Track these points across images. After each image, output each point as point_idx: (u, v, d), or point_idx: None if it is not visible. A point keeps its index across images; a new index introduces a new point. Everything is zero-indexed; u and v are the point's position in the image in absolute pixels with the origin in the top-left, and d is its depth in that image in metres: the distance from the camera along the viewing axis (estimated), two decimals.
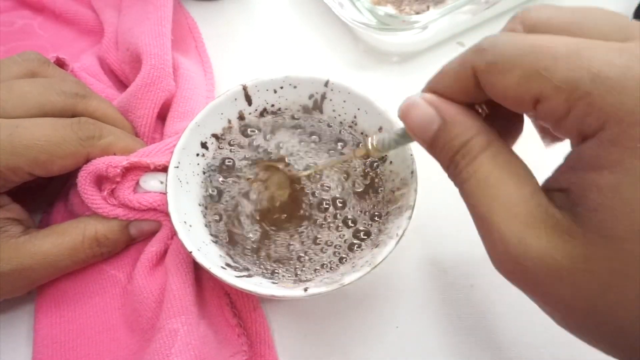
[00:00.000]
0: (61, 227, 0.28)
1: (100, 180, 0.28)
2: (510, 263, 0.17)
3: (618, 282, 0.15)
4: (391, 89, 0.38)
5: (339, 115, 0.31)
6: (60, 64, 0.33)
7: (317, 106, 0.32)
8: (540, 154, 0.22)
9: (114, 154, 0.28)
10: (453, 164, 0.19)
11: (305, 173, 0.30)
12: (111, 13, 0.39)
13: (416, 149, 0.28)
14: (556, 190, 0.17)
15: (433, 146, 0.20)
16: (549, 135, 0.22)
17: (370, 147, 0.25)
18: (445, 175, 0.33)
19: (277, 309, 0.29)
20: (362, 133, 0.31)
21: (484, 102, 0.20)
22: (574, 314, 0.16)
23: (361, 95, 0.30)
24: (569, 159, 0.17)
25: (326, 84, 0.30)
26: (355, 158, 0.27)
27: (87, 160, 0.28)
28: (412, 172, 0.27)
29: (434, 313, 0.29)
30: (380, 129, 0.30)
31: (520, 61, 0.17)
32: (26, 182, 0.27)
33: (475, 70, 0.18)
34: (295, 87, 0.31)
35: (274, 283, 0.26)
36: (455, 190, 0.33)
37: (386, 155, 0.30)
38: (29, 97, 0.27)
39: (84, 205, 0.28)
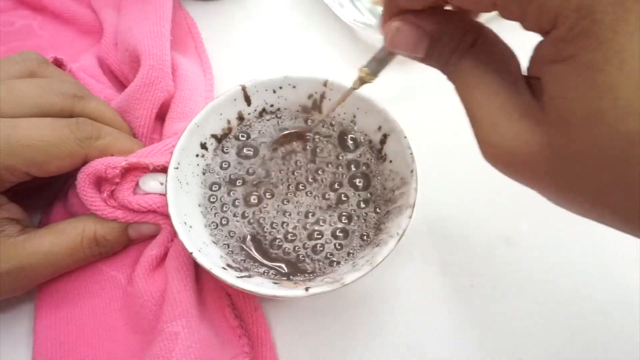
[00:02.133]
0: (60, 226, 0.28)
1: (99, 182, 0.28)
2: (492, 150, 0.19)
3: (579, 165, 0.16)
4: (391, 88, 0.38)
5: (338, 114, 0.31)
6: (58, 64, 0.33)
7: (316, 106, 0.31)
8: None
9: (112, 155, 0.28)
10: (448, 68, 0.21)
11: (318, 119, 0.30)
12: (111, 13, 0.39)
13: (416, 149, 0.28)
14: (533, 78, 0.18)
15: (428, 59, 0.21)
16: None
17: (364, 75, 0.25)
18: (445, 174, 0.34)
19: (277, 308, 0.29)
20: (361, 132, 0.31)
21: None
22: (558, 191, 0.18)
23: (360, 94, 0.30)
24: (536, 49, 0.18)
25: (325, 83, 0.30)
26: (356, 88, 0.27)
27: (85, 161, 0.28)
28: (412, 171, 0.27)
29: (434, 313, 0.29)
30: (379, 128, 0.30)
31: None
32: (25, 182, 0.27)
33: None
34: (294, 87, 0.31)
35: (275, 283, 0.26)
36: (455, 189, 0.33)
37: (386, 154, 0.30)
38: (27, 97, 0.27)
39: (83, 206, 0.28)
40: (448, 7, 0.21)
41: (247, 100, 0.31)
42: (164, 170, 0.29)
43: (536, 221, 0.32)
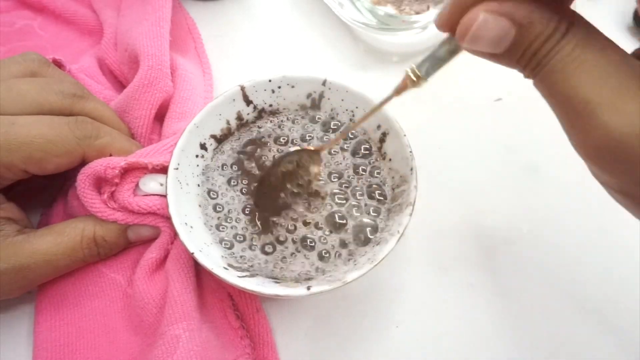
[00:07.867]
0: (60, 227, 0.28)
1: (99, 183, 0.28)
2: (607, 138, 0.16)
3: None
4: (391, 89, 0.38)
5: (337, 114, 0.31)
6: (57, 65, 0.33)
7: (315, 105, 0.31)
8: None
9: (110, 155, 0.28)
10: (534, 61, 0.18)
11: (339, 134, 0.27)
12: (111, 13, 0.39)
13: (415, 148, 0.28)
14: None
15: (508, 55, 0.19)
16: None
17: (413, 77, 0.22)
18: (445, 173, 0.34)
19: (277, 307, 0.29)
20: (360, 131, 0.31)
21: None
22: None
23: (359, 93, 0.30)
24: None
25: (324, 83, 0.30)
26: (398, 95, 0.24)
27: (83, 160, 0.28)
28: (411, 169, 0.27)
29: (434, 313, 0.29)
30: (379, 126, 0.30)
31: None
32: (24, 182, 0.27)
33: None
34: (293, 86, 0.31)
35: (276, 282, 0.26)
36: (455, 188, 0.33)
37: (385, 153, 0.30)
38: (27, 95, 0.27)
39: (83, 208, 0.28)
40: None
41: (246, 100, 0.31)
42: (163, 170, 0.28)
43: (536, 221, 0.32)
